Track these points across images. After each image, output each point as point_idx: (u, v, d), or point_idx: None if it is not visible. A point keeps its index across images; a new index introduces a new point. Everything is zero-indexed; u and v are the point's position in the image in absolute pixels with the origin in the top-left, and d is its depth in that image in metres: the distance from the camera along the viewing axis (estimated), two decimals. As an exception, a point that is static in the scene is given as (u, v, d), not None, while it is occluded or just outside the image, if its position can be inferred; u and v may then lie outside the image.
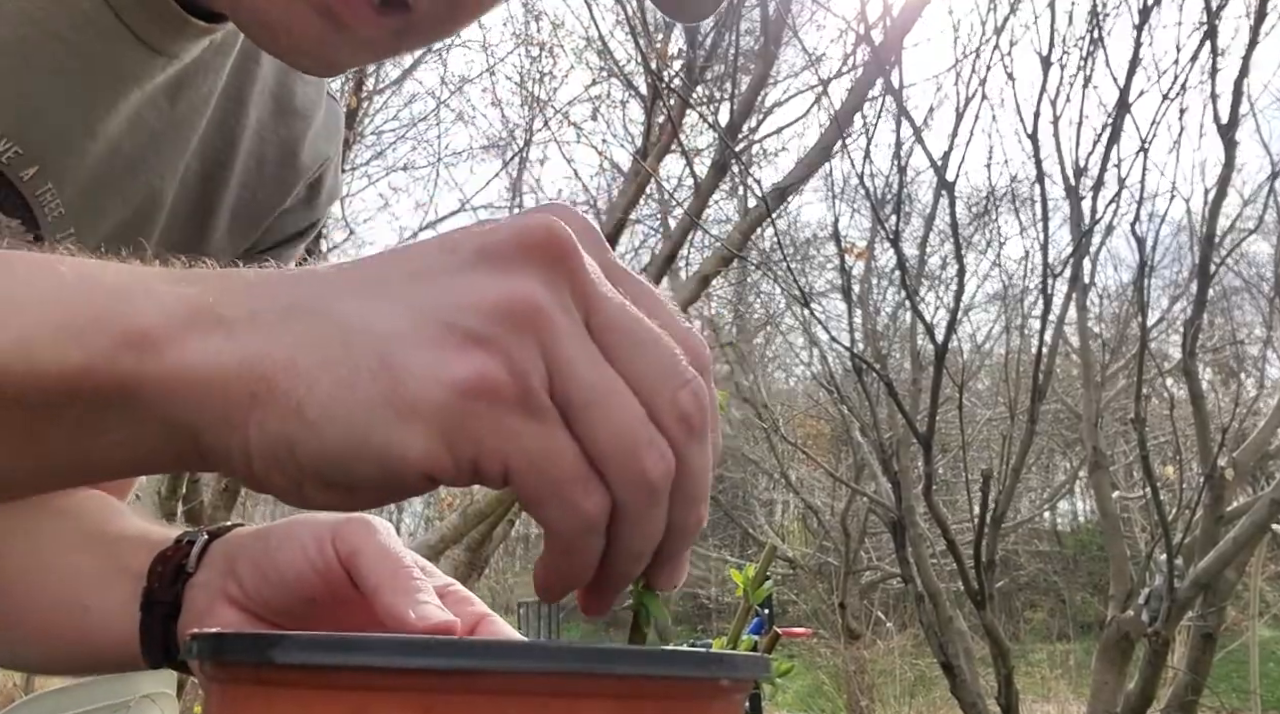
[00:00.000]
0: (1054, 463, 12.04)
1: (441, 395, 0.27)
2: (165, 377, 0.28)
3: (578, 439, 0.29)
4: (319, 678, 0.25)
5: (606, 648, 0.26)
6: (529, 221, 0.30)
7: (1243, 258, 7.18)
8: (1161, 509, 2.88)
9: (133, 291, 0.29)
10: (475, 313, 0.28)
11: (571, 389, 0.28)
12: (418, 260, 0.30)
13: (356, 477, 0.28)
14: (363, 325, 0.28)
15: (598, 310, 0.30)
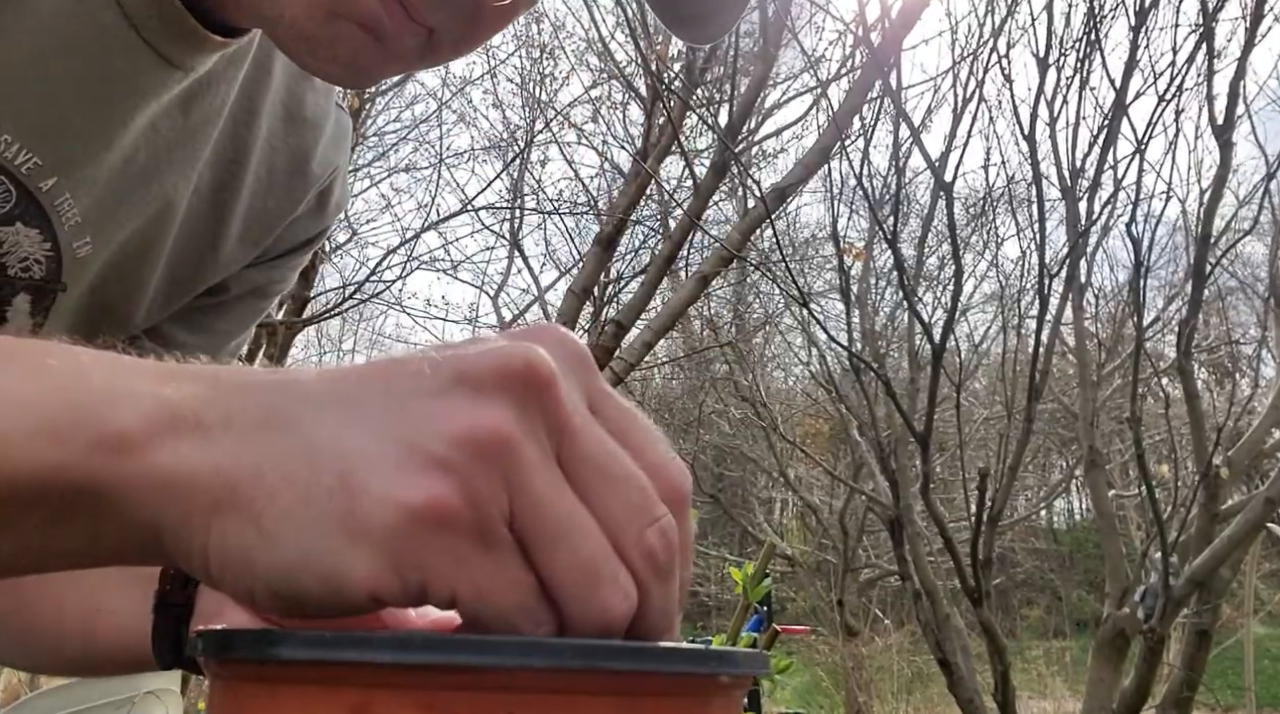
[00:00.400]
0: (1050, 462, 12.06)
1: (393, 518, 0.27)
2: (136, 478, 0.28)
3: (537, 571, 0.28)
4: (322, 674, 0.25)
5: (607, 645, 0.26)
6: (512, 350, 0.29)
7: (1238, 258, 7.21)
8: (1157, 507, 2.90)
9: (116, 391, 0.29)
10: (441, 438, 0.28)
11: (533, 521, 0.28)
12: (396, 379, 0.29)
13: (304, 592, 0.28)
14: (330, 442, 0.28)
15: (571, 442, 0.29)
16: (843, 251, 4.33)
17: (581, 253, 6.88)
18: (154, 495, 0.28)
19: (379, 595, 0.28)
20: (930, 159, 3.03)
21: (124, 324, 0.60)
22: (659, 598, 0.30)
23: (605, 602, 0.28)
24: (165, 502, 0.28)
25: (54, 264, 0.55)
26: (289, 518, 0.28)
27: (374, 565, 0.27)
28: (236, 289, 0.66)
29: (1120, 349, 5.51)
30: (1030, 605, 13.75)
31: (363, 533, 0.27)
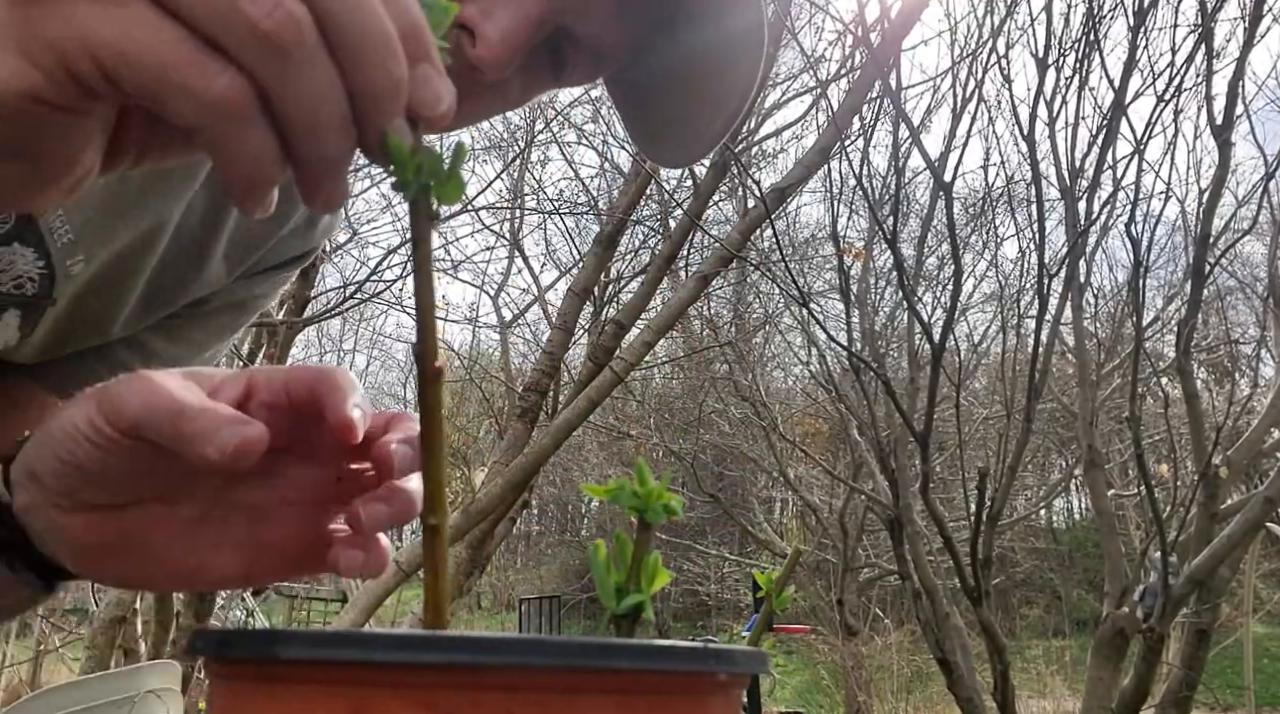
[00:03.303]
0: (1050, 461, 12.06)
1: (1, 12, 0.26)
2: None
3: (177, 20, 0.26)
4: (322, 673, 0.25)
5: (606, 643, 0.26)
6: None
7: (1237, 258, 7.22)
8: (1156, 507, 2.90)
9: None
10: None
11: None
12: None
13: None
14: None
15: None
16: (842, 251, 4.33)
17: (581, 253, 6.89)
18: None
19: (34, 92, 0.27)
20: (930, 159, 3.03)
21: (102, 332, 0.60)
22: (344, 14, 0.27)
23: (250, 15, 0.26)
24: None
25: (46, 281, 0.55)
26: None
27: (10, 64, 0.27)
28: (217, 301, 0.66)
29: (1119, 349, 5.51)
30: (1030, 605, 13.76)
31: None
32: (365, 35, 0.28)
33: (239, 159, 0.28)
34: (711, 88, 0.56)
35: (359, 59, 0.28)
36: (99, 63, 0.26)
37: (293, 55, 0.27)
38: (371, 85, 0.28)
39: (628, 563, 0.31)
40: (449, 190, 0.30)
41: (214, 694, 0.29)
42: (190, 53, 0.26)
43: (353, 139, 0.29)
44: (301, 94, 0.27)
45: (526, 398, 3.53)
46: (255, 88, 0.27)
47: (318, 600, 10.60)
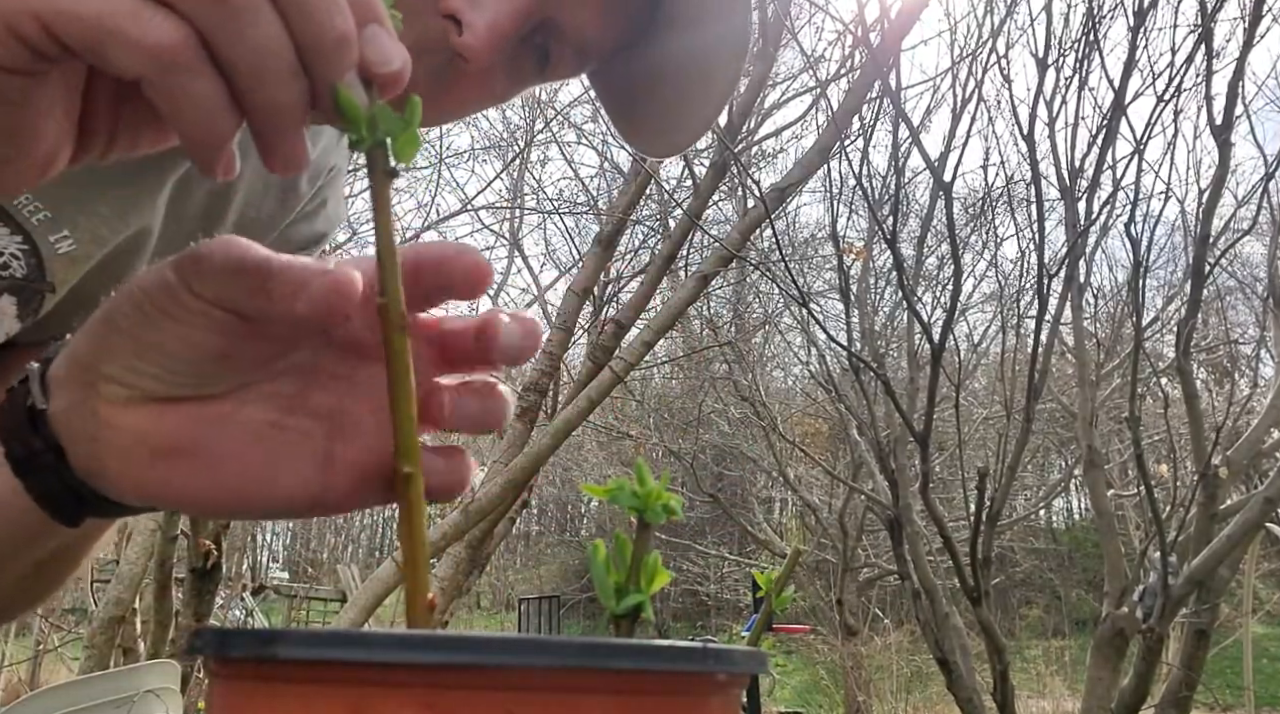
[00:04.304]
0: (1049, 461, 12.07)
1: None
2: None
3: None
4: (321, 673, 0.25)
5: (606, 643, 0.26)
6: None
7: (1237, 258, 7.23)
8: (1156, 507, 2.90)
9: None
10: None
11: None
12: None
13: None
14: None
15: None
16: (842, 251, 4.33)
17: (581, 252, 6.90)
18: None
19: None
20: (929, 159, 3.03)
21: None
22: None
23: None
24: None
25: (33, 260, 0.54)
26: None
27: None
28: None
29: (1119, 349, 5.51)
30: (1029, 605, 13.77)
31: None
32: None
33: (187, 109, 0.28)
34: (695, 84, 0.56)
35: (303, 11, 0.28)
36: (41, 20, 0.27)
37: (232, 2, 0.27)
38: (317, 38, 0.28)
39: (627, 563, 0.31)
40: (403, 145, 0.30)
41: (213, 693, 0.29)
42: (128, 2, 0.27)
43: (303, 88, 0.29)
44: (245, 41, 0.27)
45: (526, 397, 3.53)
46: (198, 36, 0.27)
47: (317, 600, 10.60)
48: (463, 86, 0.52)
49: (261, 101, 0.29)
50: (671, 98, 0.57)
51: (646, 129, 0.59)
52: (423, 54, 0.48)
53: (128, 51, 0.27)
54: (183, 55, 0.27)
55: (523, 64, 0.54)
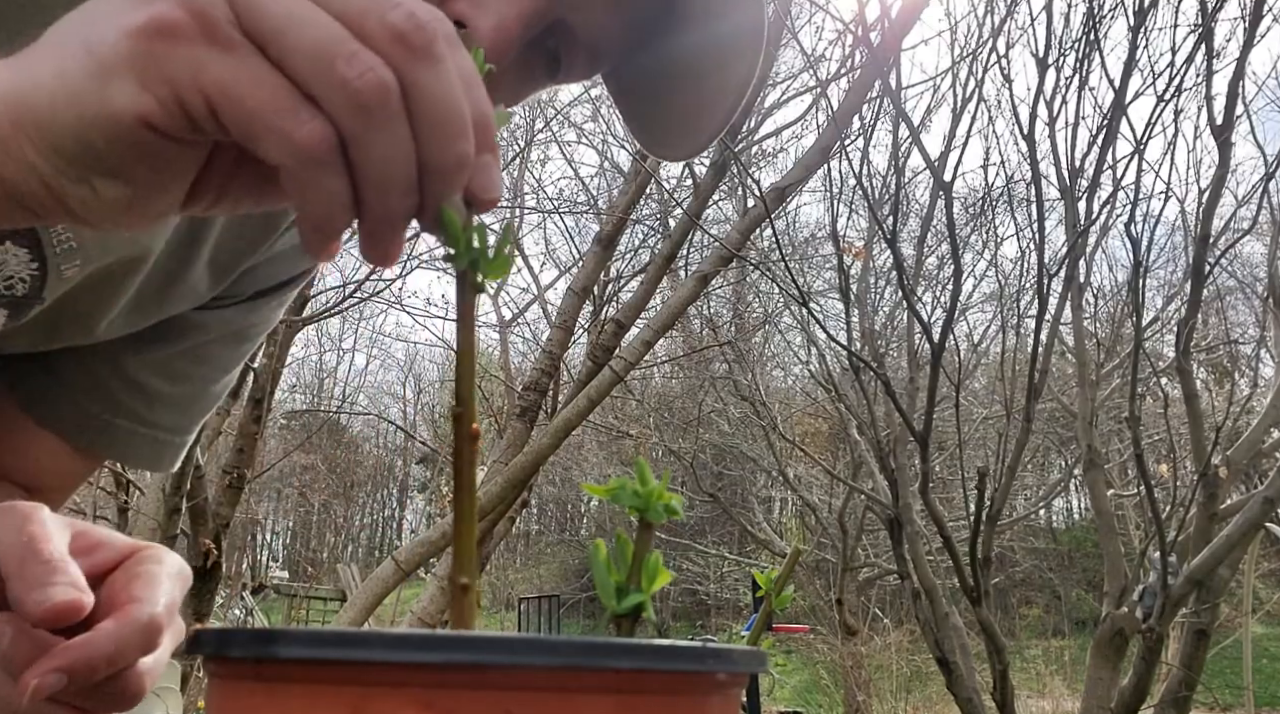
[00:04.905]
0: (1049, 461, 12.07)
1: (125, 45, 0.30)
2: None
3: (280, 69, 0.30)
4: (320, 673, 0.25)
5: (605, 642, 0.26)
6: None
7: (1237, 258, 7.23)
8: (1156, 507, 2.90)
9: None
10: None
11: (258, 19, 0.30)
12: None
13: (98, 150, 0.30)
14: (72, 26, 0.32)
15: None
16: (842, 251, 4.33)
17: (581, 252, 6.90)
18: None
19: (146, 117, 0.30)
20: (929, 159, 3.03)
21: (87, 331, 0.60)
22: (430, 82, 0.30)
23: (344, 74, 0.29)
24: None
25: (38, 283, 0.54)
26: (54, 96, 0.30)
27: (125, 91, 0.30)
28: (216, 331, 0.66)
29: (1119, 349, 5.51)
30: (1029, 604, 13.77)
31: (108, 69, 0.30)
32: (444, 113, 0.31)
33: (314, 200, 0.31)
34: (711, 82, 0.55)
35: (434, 132, 0.31)
36: (208, 98, 0.30)
37: (375, 114, 0.30)
38: (441, 157, 0.31)
39: (628, 562, 0.31)
40: (496, 266, 0.32)
41: (212, 693, 0.29)
42: (287, 98, 0.30)
43: (414, 202, 0.32)
44: (376, 150, 0.30)
45: (526, 397, 3.53)
46: (338, 137, 0.30)
47: (317, 599, 10.60)
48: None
49: (377, 206, 0.31)
50: (688, 97, 0.56)
51: (665, 131, 0.59)
52: None
53: (278, 143, 0.30)
54: (323, 152, 0.30)
55: (533, 67, 0.53)
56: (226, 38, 0.30)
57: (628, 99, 0.59)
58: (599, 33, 0.52)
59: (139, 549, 0.45)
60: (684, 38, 0.54)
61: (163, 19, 0.30)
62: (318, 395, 15.70)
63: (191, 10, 0.30)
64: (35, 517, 0.42)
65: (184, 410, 0.67)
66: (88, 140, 0.30)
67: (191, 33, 0.30)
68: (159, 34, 0.29)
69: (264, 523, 16.83)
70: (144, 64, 0.30)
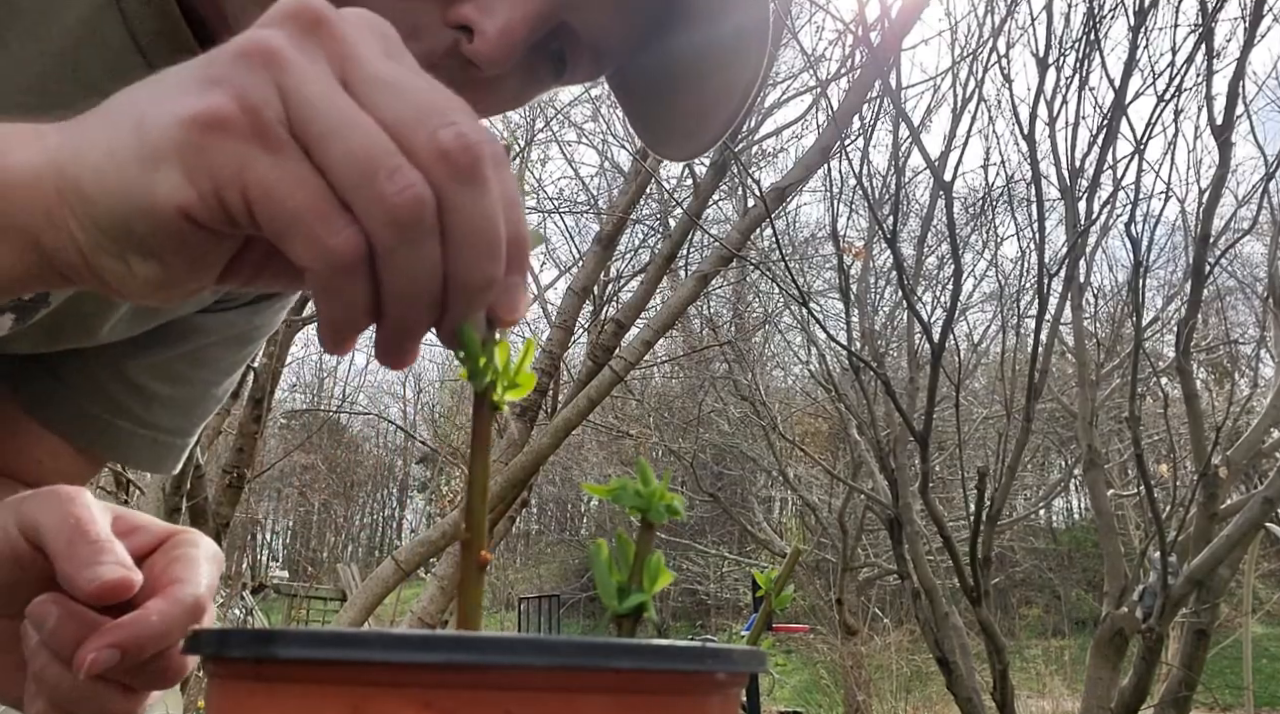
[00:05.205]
0: (1049, 461, 12.07)
1: (175, 133, 0.30)
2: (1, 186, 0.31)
3: (322, 173, 0.29)
4: (319, 673, 0.25)
5: (604, 642, 0.26)
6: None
7: (1237, 258, 7.23)
8: (1155, 507, 2.90)
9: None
10: (218, 61, 0.30)
11: (308, 121, 0.29)
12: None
13: (138, 234, 0.31)
14: (130, 102, 0.31)
15: (355, 67, 0.31)
16: (842, 251, 4.33)
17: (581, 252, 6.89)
18: (13, 198, 0.31)
19: (186, 209, 0.30)
20: (930, 159, 3.03)
21: (89, 334, 0.60)
22: (468, 202, 0.30)
23: (383, 190, 0.29)
24: (23, 202, 0.31)
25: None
26: (100, 172, 0.30)
27: (170, 180, 0.30)
28: (217, 334, 0.66)
29: (1119, 349, 5.51)
30: (1029, 604, 13.77)
31: (155, 156, 0.30)
32: (478, 234, 0.30)
33: (337, 304, 0.31)
34: (715, 81, 0.55)
35: (464, 253, 0.30)
36: (247, 196, 0.30)
37: (408, 230, 0.29)
38: (467, 278, 0.31)
39: (629, 562, 0.31)
40: (513, 386, 0.32)
41: (211, 693, 0.29)
42: (324, 205, 0.29)
43: (435, 316, 0.32)
44: (404, 264, 0.30)
45: (526, 397, 3.53)
46: (368, 247, 0.30)
47: (316, 599, 10.61)
48: (474, 94, 0.51)
49: (397, 317, 0.31)
50: (692, 96, 0.56)
51: (669, 131, 0.59)
52: (434, 68, 0.48)
53: (309, 248, 0.30)
54: (351, 261, 0.30)
55: (537, 69, 0.53)
56: (274, 137, 0.29)
57: (631, 99, 0.59)
58: (603, 34, 0.52)
59: (175, 533, 0.46)
60: (688, 37, 0.54)
61: (215, 112, 0.29)
62: (318, 395, 15.70)
63: (244, 105, 0.29)
64: (79, 500, 0.43)
65: (185, 413, 0.67)
66: (128, 222, 0.30)
67: (241, 129, 0.29)
68: (210, 126, 0.29)
69: (264, 523, 16.83)
70: (191, 155, 0.29)
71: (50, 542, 0.41)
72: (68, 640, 0.40)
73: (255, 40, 0.30)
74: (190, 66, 0.32)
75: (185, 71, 0.31)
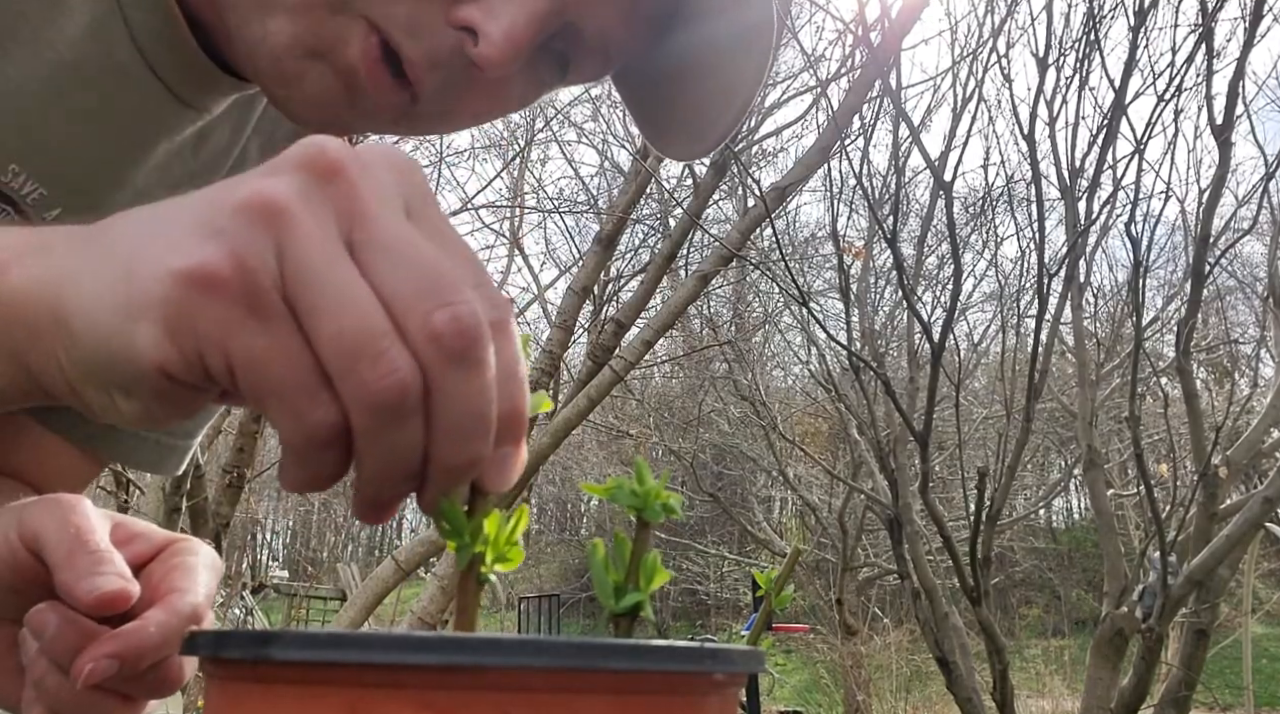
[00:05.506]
0: (1049, 461, 12.07)
1: (163, 288, 0.28)
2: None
3: (310, 344, 0.28)
4: (317, 674, 0.25)
5: (602, 643, 0.25)
6: (314, 141, 0.30)
7: (1237, 258, 7.24)
8: (1155, 506, 2.90)
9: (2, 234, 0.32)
10: (219, 210, 0.29)
11: (303, 288, 0.28)
12: (222, 181, 0.31)
13: (120, 380, 0.30)
14: (130, 237, 0.30)
15: (363, 226, 0.29)
16: (842, 251, 4.33)
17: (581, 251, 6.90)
18: (7, 317, 0.31)
19: (166, 368, 0.29)
20: (930, 158, 3.03)
21: None
22: (456, 388, 0.29)
23: (365, 376, 0.28)
24: (16, 322, 0.31)
25: None
26: (88, 313, 0.30)
27: (152, 337, 0.29)
28: None
29: (1119, 348, 5.51)
30: (1029, 604, 13.77)
31: (139, 308, 0.29)
32: (463, 417, 0.29)
33: (309, 472, 0.30)
34: (722, 78, 0.55)
35: (448, 434, 0.29)
36: (230, 361, 0.29)
37: (388, 415, 0.28)
38: (449, 459, 0.30)
39: (626, 562, 0.31)
40: (503, 558, 0.31)
41: (209, 694, 0.29)
42: (307, 379, 0.28)
43: (413, 488, 0.31)
44: (382, 444, 0.29)
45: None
46: (346, 423, 0.29)
47: (317, 599, 10.61)
48: (478, 96, 0.52)
49: (371, 492, 0.31)
50: (696, 96, 0.55)
51: (675, 129, 0.59)
52: (437, 68, 0.48)
53: (286, 420, 0.29)
54: (327, 437, 0.29)
55: (540, 70, 0.52)
56: (265, 304, 0.28)
57: (635, 97, 0.59)
58: (607, 35, 0.52)
59: (174, 540, 0.46)
60: (692, 34, 0.54)
61: (206, 270, 0.28)
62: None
63: (239, 265, 0.28)
64: (79, 509, 0.43)
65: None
66: (110, 367, 0.30)
67: (231, 291, 0.28)
68: (199, 284, 0.28)
69: (264, 522, 16.84)
70: (176, 313, 0.28)
71: (50, 551, 0.41)
72: (67, 649, 0.40)
73: (262, 193, 0.29)
74: (195, 204, 0.30)
75: (189, 211, 0.30)
